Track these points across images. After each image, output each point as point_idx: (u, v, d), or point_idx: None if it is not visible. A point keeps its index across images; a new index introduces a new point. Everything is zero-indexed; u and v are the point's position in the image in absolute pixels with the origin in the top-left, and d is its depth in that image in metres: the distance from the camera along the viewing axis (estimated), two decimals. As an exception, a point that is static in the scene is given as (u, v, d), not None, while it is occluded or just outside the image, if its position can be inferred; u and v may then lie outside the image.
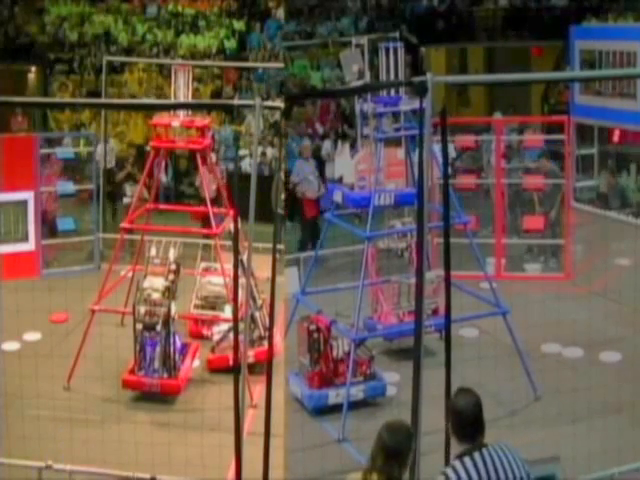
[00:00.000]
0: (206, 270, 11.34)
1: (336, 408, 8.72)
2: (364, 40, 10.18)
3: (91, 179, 14.36)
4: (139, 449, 7.69)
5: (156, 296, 9.43)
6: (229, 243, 10.27)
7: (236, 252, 6.24)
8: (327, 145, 16.58)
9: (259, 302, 10.00)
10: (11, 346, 10.41)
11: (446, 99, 18.31)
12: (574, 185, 13.07)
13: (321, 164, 16.16)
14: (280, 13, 20.54)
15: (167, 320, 9.33)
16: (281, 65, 19.01)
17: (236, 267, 6.13)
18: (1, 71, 19.97)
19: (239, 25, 20.76)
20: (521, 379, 8.94)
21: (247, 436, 6.49)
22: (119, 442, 8.27)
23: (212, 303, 11.10)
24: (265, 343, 9.30)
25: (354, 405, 8.77)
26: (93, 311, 9.69)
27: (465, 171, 14.67)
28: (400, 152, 9.70)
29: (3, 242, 13.10)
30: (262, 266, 7.61)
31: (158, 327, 9.32)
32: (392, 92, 9.58)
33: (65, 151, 15.22)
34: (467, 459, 4.15)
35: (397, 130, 9.53)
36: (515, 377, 8.86)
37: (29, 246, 13.35)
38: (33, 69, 21.07)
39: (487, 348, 9.85)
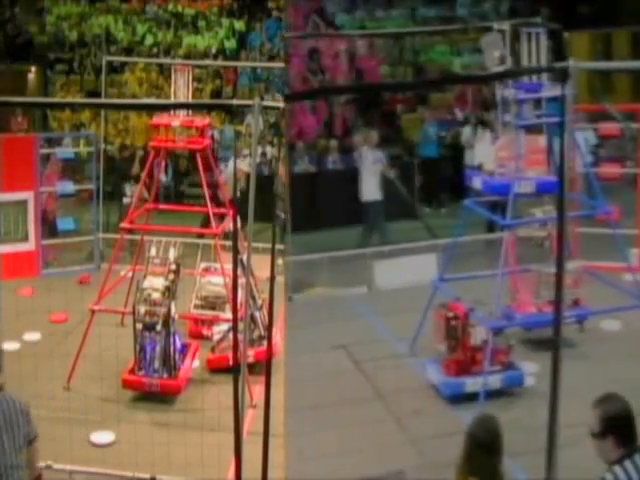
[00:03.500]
0: (206, 270, 11.34)
1: (472, 396, 8.68)
2: (506, 25, 10.04)
3: (91, 179, 14.37)
4: (139, 449, 7.70)
5: (156, 296, 9.42)
6: (229, 243, 10.28)
7: (235, 252, 6.24)
8: (467, 131, 16.34)
9: (259, 302, 10.00)
10: (11, 346, 10.40)
11: (589, 85, 18.04)
12: None
13: (460, 150, 16.02)
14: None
15: (167, 320, 9.33)
16: (281, 65, 19.00)
17: (235, 267, 6.13)
18: (1, 71, 19.97)
19: (239, 25, 20.76)
20: None
21: (247, 436, 6.50)
22: (119, 442, 8.30)
23: (212, 303, 11.10)
24: (265, 343, 9.30)
25: (491, 394, 8.69)
26: (93, 311, 9.70)
27: (609, 160, 14.40)
28: (541, 139, 9.56)
29: (3, 242, 13.10)
30: (263, 266, 7.61)
31: (158, 327, 9.32)
32: (534, 78, 9.46)
33: (65, 151, 15.23)
34: (627, 462, 4.09)
35: (538, 117, 9.42)
36: None
37: (29, 246, 13.36)
38: (33, 69, 21.05)
39: (629, 341, 9.74)
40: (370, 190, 14.12)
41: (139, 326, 9.35)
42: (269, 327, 6.68)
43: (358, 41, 18.36)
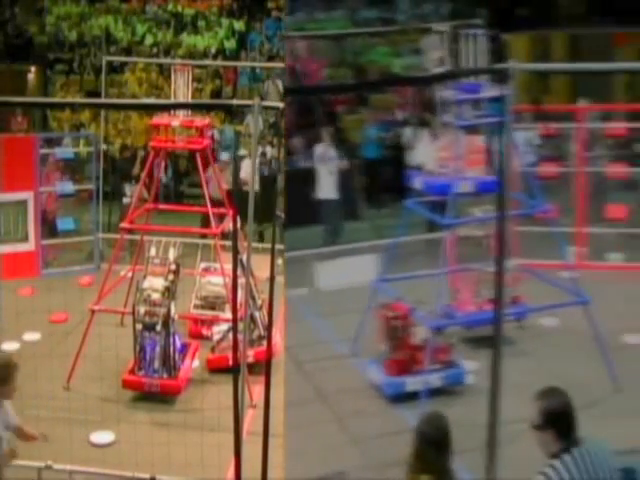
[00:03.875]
0: (206, 270, 11.34)
1: (414, 395, 8.71)
2: (445, 27, 10.10)
3: (91, 179, 14.37)
4: (139, 449, 7.70)
5: (156, 296, 9.43)
6: (229, 243, 10.29)
7: (235, 252, 6.25)
8: (408, 132, 16.34)
9: (259, 302, 10.01)
10: (11, 346, 10.41)
11: (527, 86, 18.17)
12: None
13: (401, 151, 16.04)
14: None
15: (167, 320, 9.33)
16: (281, 65, 19.00)
17: (235, 267, 6.14)
18: (1, 71, 19.97)
19: (239, 25, 20.76)
20: (601, 369, 8.84)
21: (247, 436, 6.50)
22: (119, 442, 8.30)
23: (212, 303, 11.11)
24: (265, 343, 9.30)
25: (432, 392, 8.73)
26: (93, 311, 9.70)
27: (547, 159, 14.51)
28: (480, 140, 9.65)
29: (3, 242, 13.11)
30: (262, 266, 7.61)
31: (158, 327, 9.32)
32: (473, 79, 9.53)
33: (65, 151, 15.23)
34: (567, 457, 4.15)
35: (478, 117, 9.49)
36: (595, 367, 8.80)
37: (29, 246, 13.36)
38: (33, 69, 21.06)
39: (567, 338, 9.93)
40: (327, 189, 14.24)
41: (139, 326, 9.35)
42: (269, 327, 6.69)
43: (298, 43, 18.39)
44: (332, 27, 19.90)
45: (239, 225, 6.76)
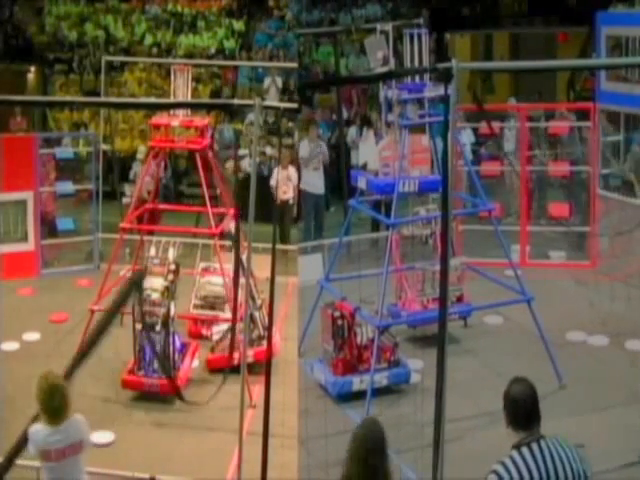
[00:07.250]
0: (205, 270, 11.33)
1: (360, 395, 8.70)
2: (389, 26, 10.13)
3: (91, 179, 14.36)
4: (139, 449, 7.69)
5: (155, 296, 9.42)
6: (229, 243, 10.28)
7: (236, 252, 6.26)
8: (352, 131, 16.37)
9: (258, 302, 10.01)
10: (10, 346, 10.41)
11: (471, 85, 18.26)
12: (600, 172, 12.82)
13: (346, 150, 16.06)
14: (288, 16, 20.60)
15: (166, 320, 9.33)
16: (281, 65, 19.00)
17: (237, 267, 6.14)
18: (0, 71, 19.97)
19: (239, 25, 20.77)
20: (545, 367, 8.86)
21: (247, 436, 6.50)
22: (119, 442, 8.30)
23: (211, 303, 11.08)
24: (264, 343, 9.30)
25: (378, 392, 8.74)
26: (92, 311, 9.69)
27: (489, 158, 14.61)
28: (424, 139, 9.67)
29: (3, 242, 13.10)
30: (263, 266, 7.61)
31: (157, 327, 9.32)
32: (417, 79, 9.57)
33: (64, 151, 15.21)
34: (525, 449, 4.07)
35: (422, 117, 9.52)
36: (539, 365, 8.81)
37: (29, 246, 13.36)
38: (32, 69, 21.06)
39: (511, 335, 10.04)
40: (313, 183, 14.28)
41: (138, 326, 9.34)
42: (269, 327, 6.69)
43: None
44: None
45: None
